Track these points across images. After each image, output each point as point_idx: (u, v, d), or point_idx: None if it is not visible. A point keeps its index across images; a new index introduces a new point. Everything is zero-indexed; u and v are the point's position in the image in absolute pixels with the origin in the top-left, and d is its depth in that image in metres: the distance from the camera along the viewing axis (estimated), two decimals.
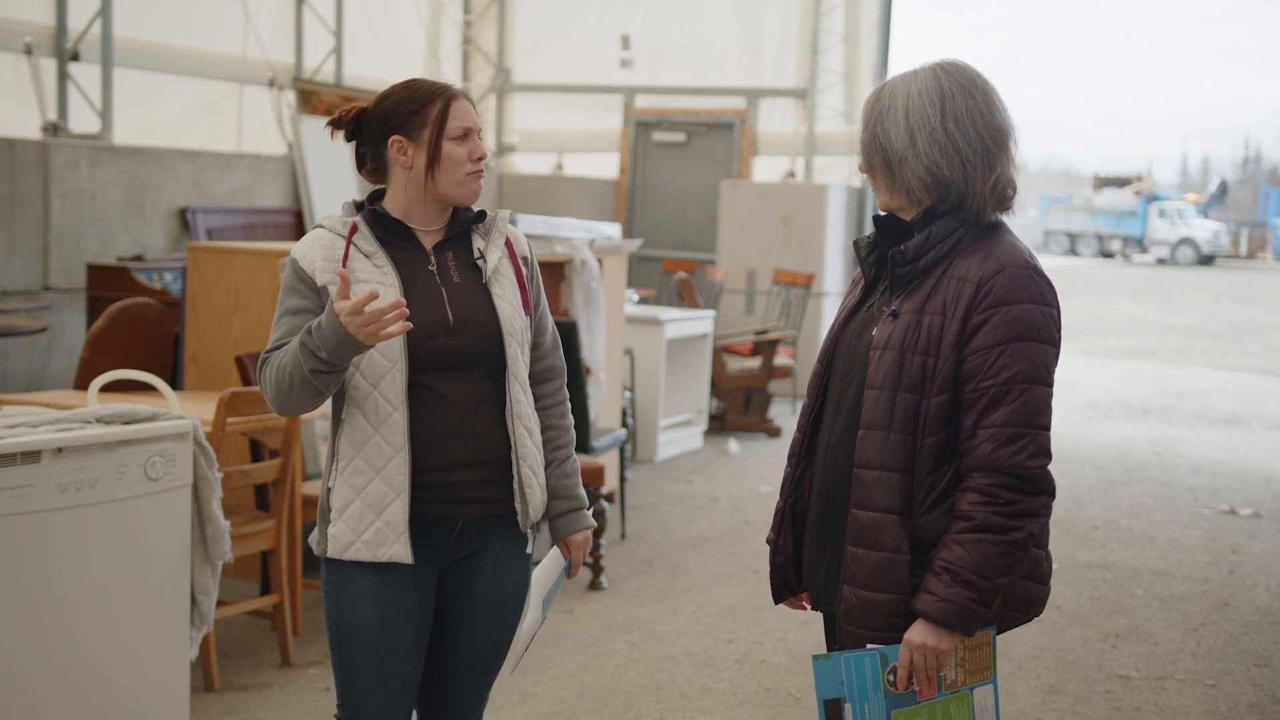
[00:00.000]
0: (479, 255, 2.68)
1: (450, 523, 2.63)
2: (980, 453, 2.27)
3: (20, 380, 7.42)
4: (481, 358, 2.62)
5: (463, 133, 2.63)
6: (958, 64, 2.40)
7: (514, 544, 2.72)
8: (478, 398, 2.62)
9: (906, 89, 2.37)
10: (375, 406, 2.56)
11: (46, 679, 3.30)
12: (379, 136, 2.66)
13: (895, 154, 2.36)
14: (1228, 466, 8.89)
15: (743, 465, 8.40)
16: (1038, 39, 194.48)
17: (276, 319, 2.62)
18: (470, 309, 2.63)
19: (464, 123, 2.63)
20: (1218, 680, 4.81)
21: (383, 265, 2.60)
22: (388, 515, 2.57)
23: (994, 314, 2.29)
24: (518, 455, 2.64)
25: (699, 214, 12.29)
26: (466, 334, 2.61)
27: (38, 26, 8.41)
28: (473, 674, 2.77)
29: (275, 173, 9.47)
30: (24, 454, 3.19)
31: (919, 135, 2.33)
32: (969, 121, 2.34)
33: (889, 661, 2.32)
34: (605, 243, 6.95)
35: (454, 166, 2.62)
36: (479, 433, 2.61)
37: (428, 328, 2.57)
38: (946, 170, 2.34)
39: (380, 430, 2.56)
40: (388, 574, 2.60)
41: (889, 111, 2.37)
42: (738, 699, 4.47)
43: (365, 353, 2.53)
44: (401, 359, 2.55)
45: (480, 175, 2.66)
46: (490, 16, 12.92)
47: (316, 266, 2.59)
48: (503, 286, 2.68)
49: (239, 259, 5.45)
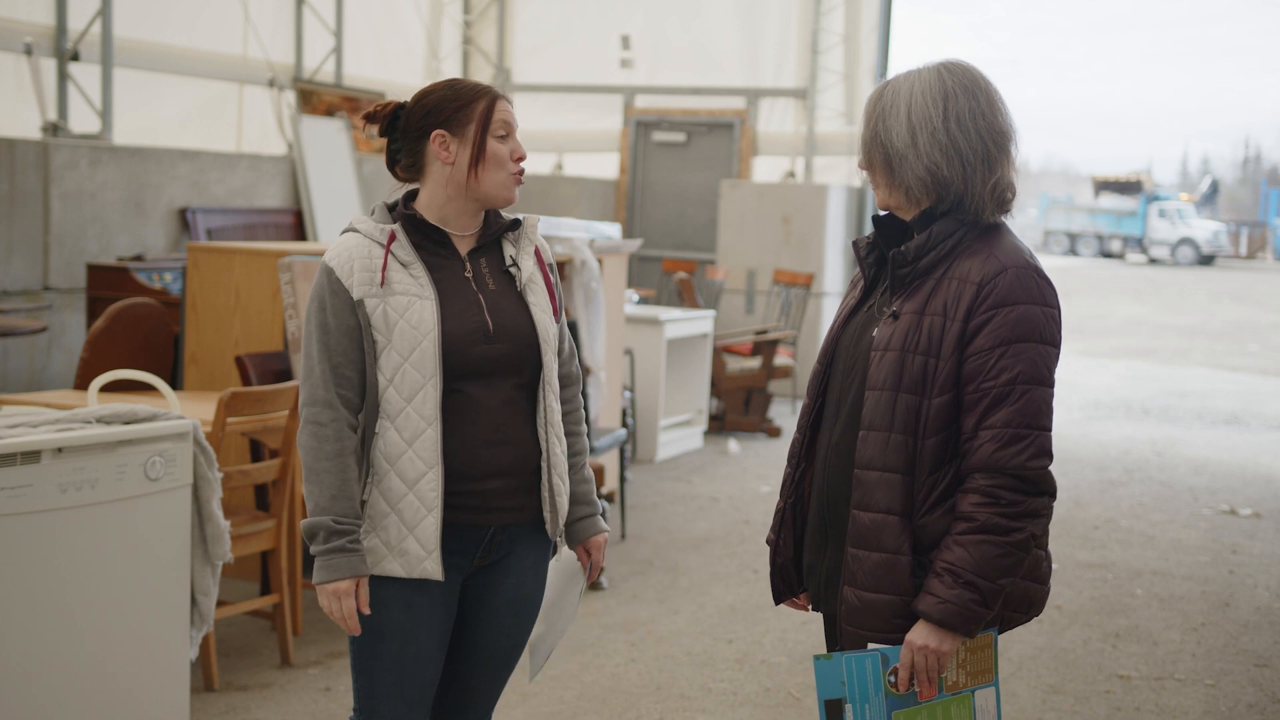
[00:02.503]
0: (511, 263, 2.66)
1: (481, 530, 2.61)
2: (981, 454, 2.27)
3: (20, 380, 7.42)
4: (518, 366, 2.60)
5: (506, 131, 2.61)
6: (962, 64, 2.39)
7: (538, 551, 2.72)
8: (511, 406, 2.60)
9: (910, 88, 2.36)
10: (408, 421, 2.53)
11: (46, 679, 3.30)
12: (419, 132, 2.60)
13: (896, 152, 2.36)
14: (1228, 466, 8.89)
15: (743, 465, 8.40)
16: (1039, 39, 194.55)
17: (311, 338, 2.55)
18: (507, 317, 2.60)
19: (507, 121, 2.61)
20: (1218, 680, 4.81)
21: (419, 276, 2.56)
22: (420, 532, 2.54)
23: (995, 315, 2.28)
24: (549, 464, 2.63)
25: (699, 214, 12.29)
26: (504, 342, 2.58)
27: (38, 26, 8.41)
28: (488, 677, 2.77)
29: (275, 173, 9.46)
30: (24, 454, 3.19)
31: (920, 134, 2.33)
32: (971, 123, 2.33)
33: (890, 662, 2.31)
34: (605, 243, 6.95)
35: (497, 165, 2.59)
36: (512, 441, 2.59)
37: (468, 336, 2.55)
38: (946, 170, 2.33)
39: (413, 445, 2.53)
40: (417, 582, 2.59)
41: (891, 109, 2.36)
42: (738, 699, 4.46)
43: (400, 368, 2.52)
44: (436, 374, 2.52)
45: (520, 177, 2.64)
46: (490, 16, 12.92)
47: (354, 280, 2.54)
48: (536, 295, 2.66)
49: (239, 259, 5.45)
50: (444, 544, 2.58)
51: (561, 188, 11.95)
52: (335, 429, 2.53)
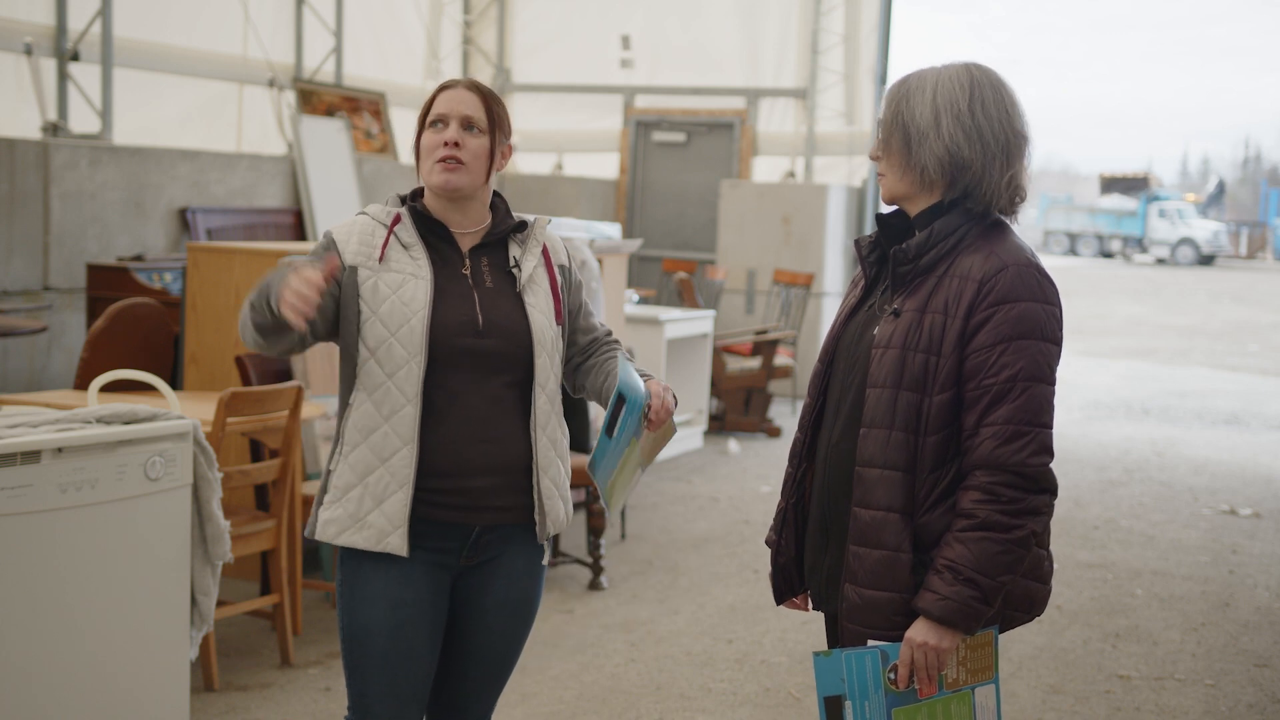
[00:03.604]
0: (514, 264, 2.66)
1: (465, 529, 2.60)
2: (982, 451, 2.27)
3: (20, 380, 7.41)
4: (507, 364, 2.59)
5: (442, 122, 2.58)
6: (988, 67, 2.42)
7: (530, 554, 2.70)
8: (500, 405, 2.59)
9: (937, 75, 2.39)
10: (387, 396, 2.54)
11: (46, 679, 3.30)
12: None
13: (917, 130, 2.36)
14: (1228, 466, 8.89)
15: (743, 465, 8.40)
16: (1039, 39, 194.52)
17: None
18: (500, 315, 2.60)
19: (442, 109, 2.59)
20: (1218, 680, 4.81)
21: (419, 259, 2.58)
22: (388, 506, 2.54)
23: (996, 312, 2.29)
24: (539, 467, 2.62)
25: (699, 214, 12.29)
26: (494, 338, 2.58)
27: (38, 26, 8.41)
28: (481, 681, 2.76)
29: (275, 173, 9.46)
30: (24, 454, 3.18)
31: (944, 115, 2.34)
32: (995, 112, 2.35)
33: (890, 659, 2.31)
34: (605, 243, 6.95)
35: (426, 154, 2.61)
36: (499, 440, 2.58)
37: (456, 327, 2.55)
38: (967, 152, 2.33)
39: (390, 421, 2.54)
40: (402, 576, 2.58)
41: (917, 91, 2.38)
42: (738, 699, 4.46)
43: (385, 341, 2.51)
44: (421, 353, 2.52)
45: (447, 162, 2.56)
46: (490, 16, 12.92)
47: (351, 248, 2.58)
48: (536, 296, 2.65)
49: (239, 259, 5.45)
50: (427, 540, 2.58)
51: (561, 188, 11.96)
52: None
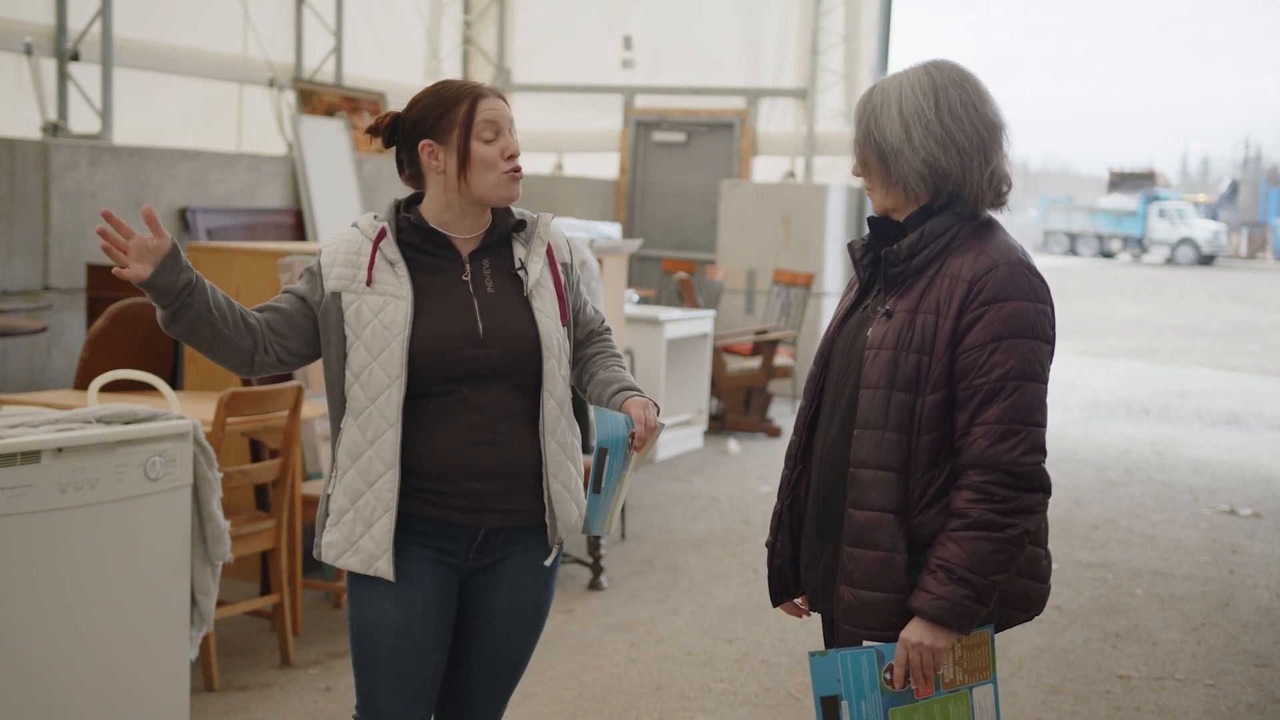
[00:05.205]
0: (520, 266, 2.64)
1: (470, 530, 2.61)
2: (974, 450, 2.27)
3: (20, 380, 7.42)
4: (513, 370, 2.58)
5: (492, 132, 2.59)
6: (947, 62, 2.41)
7: (537, 556, 2.69)
8: (506, 408, 2.58)
9: (899, 86, 2.38)
10: (370, 421, 2.55)
11: (46, 679, 3.30)
12: (411, 142, 2.62)
13: (890, 148, 2.36)
14: (1228, 466, 8.89)
15: (743, 465, 8.41)
16: (1039, 39, 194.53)
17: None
18: (503, 320, 2.59)
19: (492, 117, 2.59)
20: (1218, 680, 4.82)
21: (401, 276, 2.57)
22: (376, 530, 2.56)
23: (987, 311, 2.29)
24: (548, 471, 2.61)
25: (699, 214, 12.29)
26: (496, 345, 2.57)
27: (38, 26, 8.41)
28: (490, 685, 2.76)
29: (275, 173, 9.46)
30: (24, 454, 3.19)
31: (914, 128, 2.34)
32: (963, 112, 2.35)
33: (885, 659, 2.31)
34: (605, 243, 6.96)
35: (486, 167, 2.58)
36: (505, 443, 2.58)
37: (454, 339, 2.55)
38: (944, 161, 2.34)
39: (374, 446, 2.55)
40: (409, 575, 2.59)
41: (882, 107, 2.37)
42: (738, 699, 4.47)
43: (368, 366, 2.55)
44: (401, 376, 2.53)
45: (517, 174, 2.61)
46: (490, 16, 12.92)
47: (334, 273, 2.59)
48: (543, 299, 2.64)
49: (239, 259, 5.46)
50: (432, 540, 2.59)
51: (561, 188, 11.95)
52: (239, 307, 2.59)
